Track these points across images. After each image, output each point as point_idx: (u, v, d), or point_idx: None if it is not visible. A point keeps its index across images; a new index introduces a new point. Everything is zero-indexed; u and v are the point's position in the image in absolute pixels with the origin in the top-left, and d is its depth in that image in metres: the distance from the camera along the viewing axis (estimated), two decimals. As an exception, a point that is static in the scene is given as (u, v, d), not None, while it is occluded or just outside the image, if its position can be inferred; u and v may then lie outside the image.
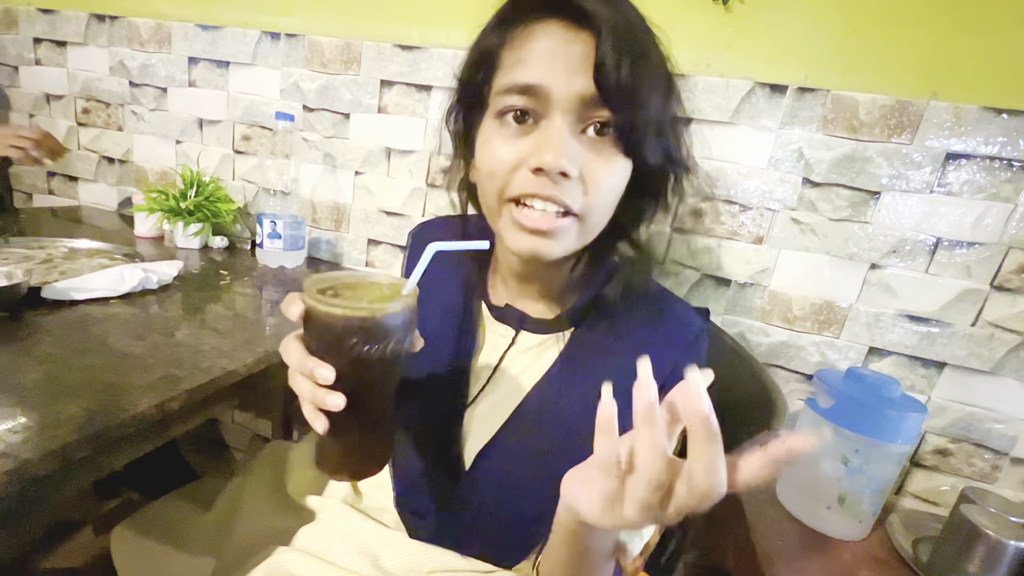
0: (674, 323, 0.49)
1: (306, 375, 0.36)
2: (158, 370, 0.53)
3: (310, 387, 0.36)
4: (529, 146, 0.40)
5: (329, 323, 0.34)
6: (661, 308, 0.50)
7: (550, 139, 0.38)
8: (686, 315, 0.50)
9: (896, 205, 0.79)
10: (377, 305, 0.35)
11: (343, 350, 0.34)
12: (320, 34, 1.03)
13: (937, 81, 0.74)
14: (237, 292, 0.84)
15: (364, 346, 0.34)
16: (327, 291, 0.38)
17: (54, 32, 1.23)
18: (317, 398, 0.35)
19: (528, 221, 0.41)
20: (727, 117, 0.83)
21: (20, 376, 0.48)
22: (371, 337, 0.35)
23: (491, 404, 0.51)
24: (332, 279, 0.39)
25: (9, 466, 0.36)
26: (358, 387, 0.36)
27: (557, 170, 0.38)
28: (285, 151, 1.00)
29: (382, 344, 0.35)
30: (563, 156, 0.38)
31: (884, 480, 0.69)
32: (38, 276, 0.72)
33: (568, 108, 0.39)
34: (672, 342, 0.47)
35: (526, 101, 0.39)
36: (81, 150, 1.30)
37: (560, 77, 0.38)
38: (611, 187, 0.41)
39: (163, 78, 1.17)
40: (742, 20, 0.80)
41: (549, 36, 0.39)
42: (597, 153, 0.40)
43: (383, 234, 1.09)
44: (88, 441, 0.41)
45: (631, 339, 0.47)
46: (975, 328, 0.79)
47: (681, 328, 0.48)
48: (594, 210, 0.42)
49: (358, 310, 0.34)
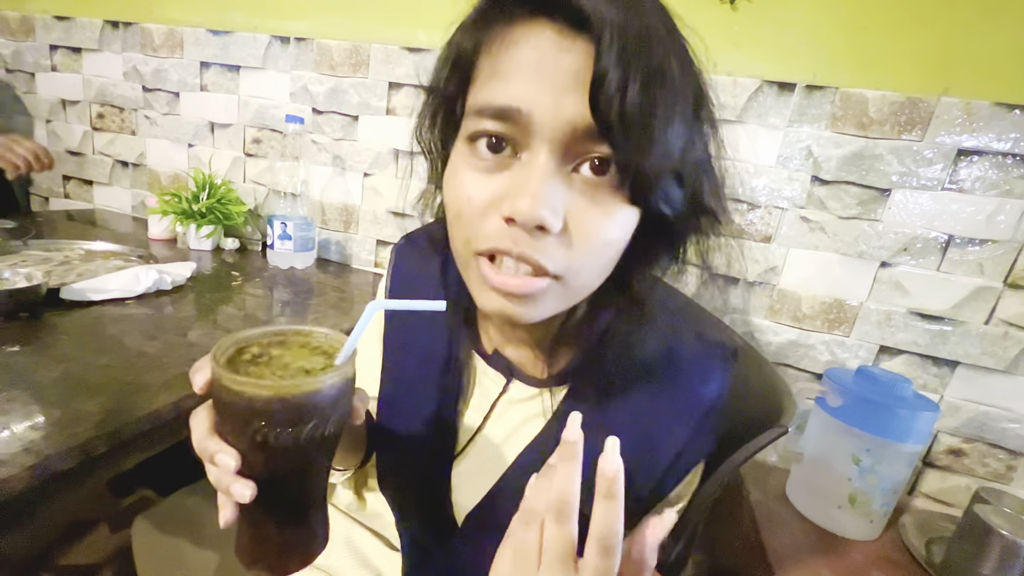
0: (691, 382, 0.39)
1: (205, 459, 0.30)
2: (172, 369, 0.54)
3: (215, 472, 0.30)
4: (503, 185, 0.31)
5: (231, 401, 0.28)
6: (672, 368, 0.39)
7: (528, 181, 0.29)
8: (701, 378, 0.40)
9: (907, 203, 0.78)
10: (288, 382, 0.28)
11: (247, 433, 0.28)
12: (329, 38, 1.04)
13: (948, 77, 0.74)
14: (248, 293, 0.85)
15: (273, 430, 0.28)
16: (247, 351, 0.31)
17: (70, 39, 1.25)
18: (221, 485, 0.30)
19: (497, 280, 0.32)
20: (735, 116, 0.83)
21: (40, 374, 0.49)
22: (282, 421, 0.28)
23: (481, 459, 0.45)
24: (262, 335, 0.33)
25: (31, 461, 0.37)
26: (271, 474, 0.30)
27: (533, 223, 0.29)
28: (295, 153, 1.02)
29: (296, 429, 0.28)
30: (542, 204, 0.28)
31: (896, 480, 0.68)
32: (56, 278, 0.74)
33: (555, 139, 0.29)
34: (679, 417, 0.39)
35: (502, 127, 0.30)
36: (96, 154, 1.33)
37: (546, 99, 0.29)
38: (606, 243, 0.32)
39: (175, 83, 1.19)
40: (749, 18, 0.80)
41: (536, 43, 0.29)
42: (591, 200, 0.30)
43: (392, 235, 1.10)
44: (106, 438, 0.42)
45: (639, 398, 0.40)
46: (988, 326, 0.78)
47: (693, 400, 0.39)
48: (581, 271, 0.32)
49: (262, 388, 0.27)
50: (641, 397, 0.39)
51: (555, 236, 0.30)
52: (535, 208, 0.28)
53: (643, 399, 0.39)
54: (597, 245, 0.31)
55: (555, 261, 0.31)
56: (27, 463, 0.37)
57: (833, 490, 0.71)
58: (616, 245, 0.32)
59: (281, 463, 0.30)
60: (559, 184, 0.30)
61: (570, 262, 0.31)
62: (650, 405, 0.39)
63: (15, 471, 0.36)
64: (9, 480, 0.36)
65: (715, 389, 0.39)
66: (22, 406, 0.44)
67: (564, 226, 0.30)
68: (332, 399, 0.29)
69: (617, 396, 0.40)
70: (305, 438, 0.29)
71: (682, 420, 0.39)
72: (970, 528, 0.64)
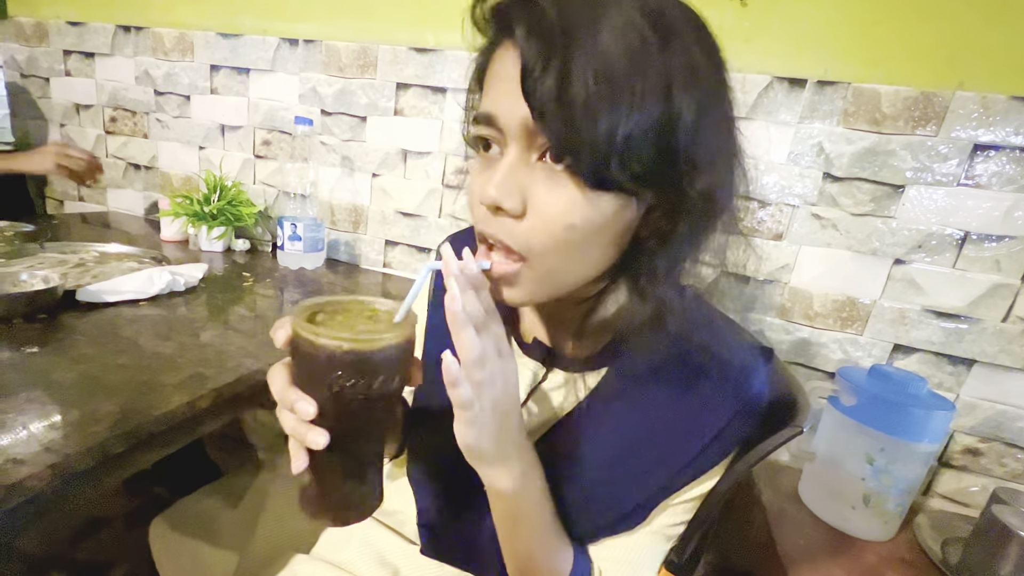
0: (730, 377, 0.40)
1: (286, 408, 0.34)
2: (187, 369, 0.55)
3: (292, 420, 0.34)
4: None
5: (311, 353, 0.31)
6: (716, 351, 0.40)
7: (496, 170, 0.34)
8: (747, 368, 0.41)
9: (921, 199, 0.77)
10: (364, 336, 0.31)
11: (325, 384, 0.32)
12: (337, 39, 1.05)
13: (963, 71, 0.72)
14: (259, 293, 0.86)
15: (348, 381, 0.31)
16: (317, 315, 0.35)
17: (83, 44, 1.27)
18: (298, 433, 0.33)
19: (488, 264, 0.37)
20: (744, 112, 0.82)
21: (58, 375, 0.50)
22: (356, 372, 0.31)
23: None
24: (326, 303, 0.37)
25: (52, 460, 0.38)
26: (342, 425, 0.33)
27: (490, 201, 0.34)
28: (304, 155, 1.02)
29: (368, 380, 0.32)
30: (496, 188, 0.33)
31: (911, 480, 0.68)
32: (72, 279, 0.75)
33: (517, 136, 0.33)
34: (726, 394, 0.40)
35: (487, 131, 0.35)
36: (109, 158, 1.35)
37: (507, 103, 0.33)
38: (568, 226, 0.33)
39: (186, 86, 1.20)
40: (759, 14, 0.79)
41: (503, 60, 0.34)
42: (550, 186, 0.33)
43: (400, 235, 1.11)
44: (124, 437, 0.43)
45: (675, 384, 0.41)
46: (1006, 324, 0.77)
47: (739, 384, 0.40)
48: (546, 254, 0.35)
49: (342, 341, 0.31)
50: (683, 383, 0.41)
51: (520, 219, 0.34)
52: (491, 190, 0.33)
53: (685, 385, 0.41)
54: (557, 227, 0.34)
55: (516, 239, 0.35)
56: (47, 462, 0.38)
57: (846, 490, 0.70)
58: (582, 229, 0.34)
59: (350, 414, 0.33)
60: (521, 172, 0.34)
61: (532, 242, 0.34)
62: (687, 393, 0.41)
63: (36, 470, 0.37)
64: (30, 479, 0.36)
65: (756, 382, 0.41)
66: (41, 406, 0.45)
67: (526, 210, 0.34)
68: (397, 357, 0.33)
69: (653, 382, 0.42)
70: (374, 391, 0.32)
71: (721, 408, 0.40)
72: (987, 529, 0.63)
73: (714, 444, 0.41)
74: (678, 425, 0.41)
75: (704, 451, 0.41)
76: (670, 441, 0.41)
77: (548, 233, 0.34)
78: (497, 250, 0.36)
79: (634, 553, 0.45)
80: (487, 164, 0.36)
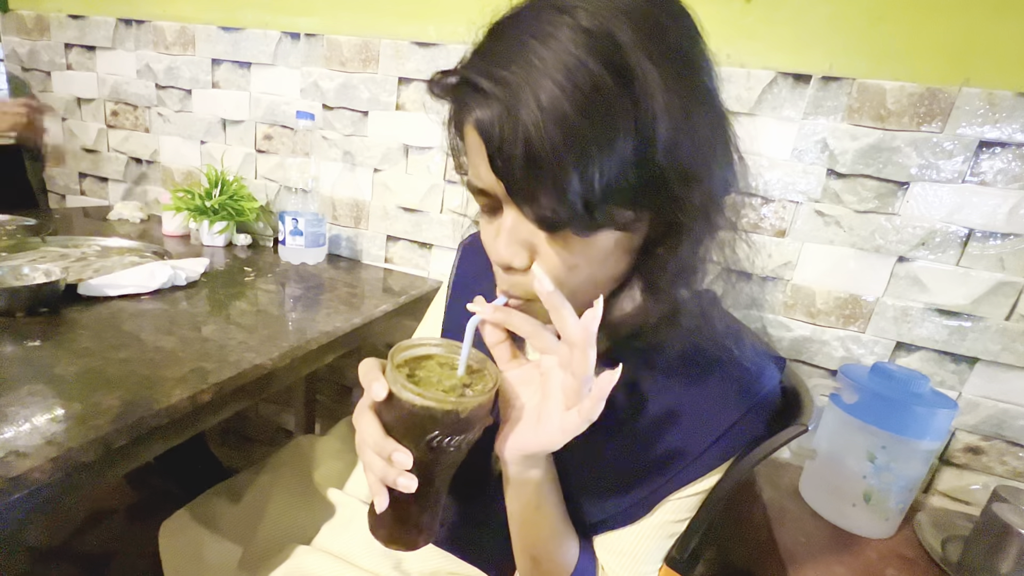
0: (742, 372, 0.42)
1: (383, 456, 0.35)
2: (188, 363, 0.55)
3: (382, 465, 0.35)
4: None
5: (413, 411, 0.34)
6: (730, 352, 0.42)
7: (499, 235, 0.36)
8: (760, 368, 0.42)
9: (926, 196, 0.77)
10: (465, 399, 0.34)
11: (423, 437, 0.34)
12: (338, 33, 1.04)
13: (969, 67, 0.72)
14: (261, 288, 0.86)
15: (445, 437, 0.34)
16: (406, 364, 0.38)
17: (84, 37, 1.27)
18: (388, 478, 0.35)
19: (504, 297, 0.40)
20: (748, 108, 0.82)
21: (61, 368, 0.50)
22: (453, 430, 0.34)
23: None
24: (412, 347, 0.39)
25: (54, 453, 0.38)
26: (429, 471, 0.36)
27: (503, 265, 0.37)
28: (305, 149, 1.02)
29: (462, 435, 0.35)
30: (504, 251, 0.35)
31: (912, 478, 0.68)
32: (74, 273, 0.75)
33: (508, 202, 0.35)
34: (738, 395, 0.41)
35: (485, 200, 0.37)
36: (111, 152, 1.35)
37: (488, 176, 0.33)
38: (571, 268, 0.36)
39: (187, 80, 1.20)
40: (763, 9, 0.78)
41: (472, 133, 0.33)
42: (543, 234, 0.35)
43: (402, 230, 1.11)
44: (126, 431, 0.43)
45: (683, 388, 0.43)
46: (1009, 322, 0.76)
47: (750, 380, 0.41)
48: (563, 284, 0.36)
49: (444, 404, 0.33)
50: (697, 379, 0.42)
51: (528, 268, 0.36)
52: (502, 253, 0.36)
53: (699, 381, 0.42)
54: (561, 271, 0.36)
55: (528, 291, 0.36)
56: (50, 455, 0.38)
57: (848, 487, 0.70)
58: (586, 266, 0.36)
59: (443, 461, 0.37)
60: (522, 229, 0.35)
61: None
62: (698, 390, 0.42)
63: (38, 463, 0.37)
64: (32, 472, 0.37)
65: (768, 384, 0.42)
66: (43, 399, 0.45)
67: (533, 257, 0.36)
68: (485, 412, 0.36)
69: (665, 378, 0.43)
70: (464, 443, 0.36)
71: (731, 406, 0.41)
72: (988, 527, 0.63)
73: (721, 441, 0.41)
74: (688, 421, 0.42)
75: (711, 448, 0.42)
76: (679, 436, 0.42)
77: (554, 277, 0.35)
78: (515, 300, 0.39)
79: (637, 546, 0.45)
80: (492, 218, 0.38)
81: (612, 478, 0.44)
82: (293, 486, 0.67)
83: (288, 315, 0.76)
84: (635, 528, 0.45)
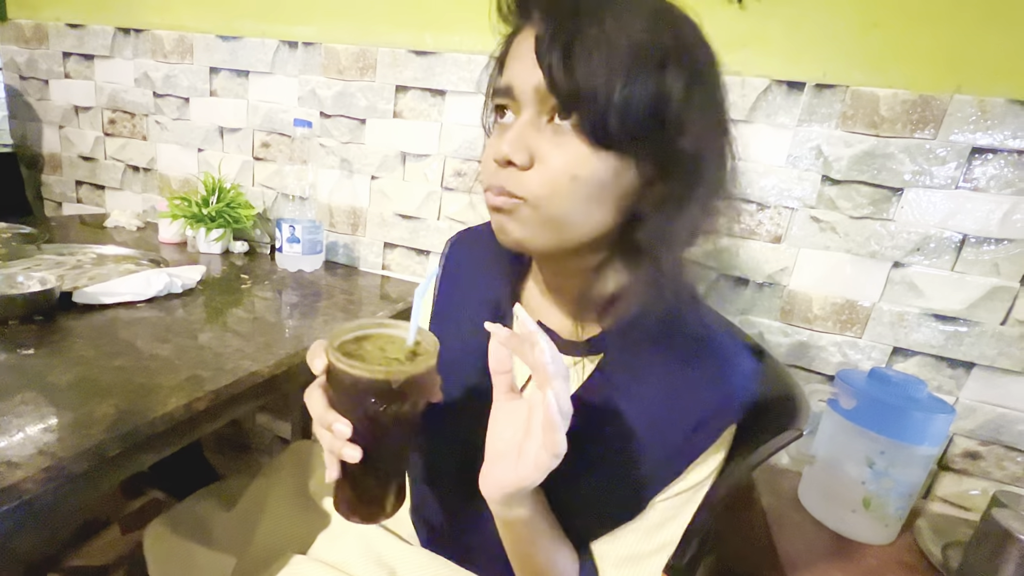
0: (716, 362, 0.43)
1: (324, 427, 0.38)
2: (184, 371, 0.55)
3: (329, 438, 0.38)
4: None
5: (348, 382, 0.36)
6: (704, 343, 0.44)
7: (508, 130, 0.39)
8: (733, 354, 0.44)
9: (920, 202, 0.77)
10: (395, 368, 0.36)
11: (360, 408, 0.36)
12: (336, 42, 1.05)
13: (961, 75, 0.73)
14: (257, 296, 0.86)
15: (381, 406, 0.36)
16: (348, 344, 0.39)
17: (82, 46, 1.27)
18: (335, 449, 0.37)
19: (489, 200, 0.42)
20: (743, 115, 0.82)
21: (54, 377, 0.50)
22: (388, 398, 0.36)
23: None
24: (355, 329, 0.41)
25: (46, 463, 0.38)
26: (374, 441, 0.38)
27: (501, 157, 0.38)
28: (303, 157, 1.02)
29: (397, 405, 0.36)
30: (507, 144, 0.38)
31: (911, 483, 0.67)
32: (69, 281, 0.75)
33: (529, 101, 0.38)
34: (715, 382, 0.42)
35: (503, 99, 0.41)
36: (108, 160, 1.35)
37: (522, 74, 0.38)
38: (573, 177, 0.37)
39: (185, 88, 1.20)
40: (758, 18, 0.79)
41: (522, 41, 0.39)
42: (557, 142, 0.38)
43: (399, 237, 1.11)
44: (120, 440, 0.43)
45: (667, 372, 0.43)
46: (1005, 327, 0.77)
47: (724, 369, 0.43)
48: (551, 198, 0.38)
49: (376, 373, 0.35)
50: (677, 365, 0.43)
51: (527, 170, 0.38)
52: (504, 147, 0.38)
53: (679, 367, 0.43)
54: (562, 177, 0.38)
55: (522, 187, 0.39)
56: (42, 465, 0.37)
57: (847, 493, 0.70)
58: (586, 182, 0.38)
59: (381, 433, 0.38)
60: (531, 132, 0.38)
61: (537, 189, 0.38)
62: (684, 372, 0.43)
63: (30, 473, 0.37)
64: (24, 482, 0.36)
65: (742, 373, 0.43)
66: (36, 408, 0.44)
67: (534, 162, 0.38)
68: (423, 382, 0.37)
69: (649, 364, 0.44)
70: (402, 413, 0.37)
71: (707, 397, 0.42)
72: (988, 533, 0.62)
73: (700, 432, 0.42)
74: (667, 413, 0.43)
75: (691, 439, 0.42)
76: (660, 428, 0.43)
77: (552, 181, 0.38)
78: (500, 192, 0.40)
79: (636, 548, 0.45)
80: (501, 132, 0.41)
81: (601, 473, 0.44)
82: (289, 493, 0.66)
83: (285, 322, 0.76)
84: (632, 531, 0.45)
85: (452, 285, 0.58)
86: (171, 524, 0.63)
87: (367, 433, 0.37)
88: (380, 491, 0.41)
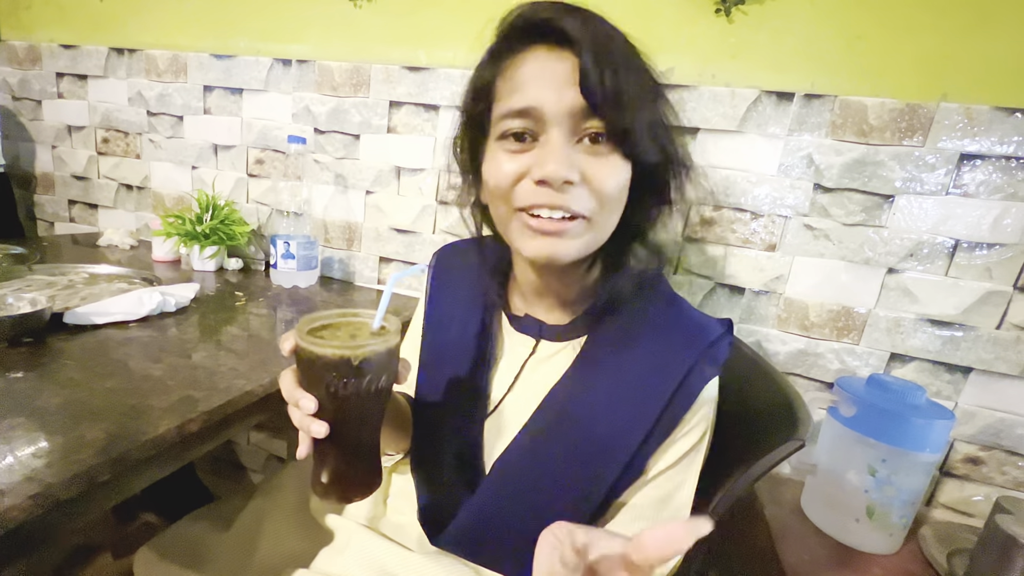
0: (691, 326, 0.49)
1: (292, 404, 0.40)
2: (177, 392, 0.54)
3: (298, 415, 0.39)
4: (530, 160, 0.43)
5: (311, 360, 0.38)
6: (678, 313, 0.50)
7: (551, 152, 0.41)
8: (703, 320, 0.50)
9: (911, 208, 0.78)
10: (352, 343, 0.38)
11: (323, 384, 0.38)
12: (330, 59, 1.06)
13: (946, 82, 0.74)
14: (252, 313, 0.85)
15: (342, 381, 0.38)
16: (317, 329, 0.42)
17: (76, 66, 1.28)
18: (303, 425, 0.39)
19: (538, 224, 0.43)
20: (734, 126, 0.83)
21: (44, 400, 0.49)
22: (348, 374, 0.38)
23: (511, 412, 0.53)
24: (326, 317, 0.43)
25: (34, 490, 0.37)
26: (339, 417, 0.39)
27: (561, 179, 0.40)
28: (297, 173, 1.02)
29: (358, 380, 0.38)
30: (564, 166, 0.40)
31: (913, 491, 0.67)
32: (60, 302, 0.74)
33: (561, 122, 0.41)
34: (689, 344, 0.47)
35: (523, 123, 0.42)
36: (101, 179, 1.34)
37: (551, 95, 0.41)
38: (614, 186, 0.43)
39: (179, 106, 1.21)
40: (745, 30, 0.80)
41: (535, 60, 0.42)
42: (596, 159, 0.42)
43: (394, 251, 1.10)
44: (110, 464, 0.42)
45: (645, 341, 0.48)
46: (1000, 331, 0.77)
47: (698, 331, 0.48)
48: (603, 211, 0.43)
49: (336, 349, 0.37)
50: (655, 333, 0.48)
51: (577, 187, 0.42)
52: (560, 168, 0.40)
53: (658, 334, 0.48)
54: (608, 188, 0.42)
55: (582, 204, 0.42)
56: (29, 492, 0.36)
57: (850, 502, 0.69)
58: (620, 188, 0.44)
59: (345, 408, 0.39)
60: (571, 152, 0.42)
61: (593, 204, 0.43)
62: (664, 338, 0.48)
63: (17, 500, 0.36)
64: (11, 510, 0.35)
65: (718, 328, 0.48)
66: (25, 433, 0.43)
67: (581, 180, 0.42)
68: (382, 360, 0.39)
69: (626, 344, 0.48)
70: (364, 388, 0.39)
71: (693, 344, 0.47)
72: (992, 539, 0.62)
73: (680, 393, 0.45)
74: (652, 375, 0.46)
75: (672, 402, 0.45)
76: (643, 395, 0.46)
77: (604, 194, 0.42)
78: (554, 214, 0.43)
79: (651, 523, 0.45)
80: (521, 150, 0.43)
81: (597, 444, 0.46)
82: (289, 512, 0.65)
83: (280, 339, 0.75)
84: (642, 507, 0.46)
85: (441, 293, 0.61)
86: (160, 549, 0.62)
87: (332, 409, 0.39)
88: (349, 468, 0.43)
